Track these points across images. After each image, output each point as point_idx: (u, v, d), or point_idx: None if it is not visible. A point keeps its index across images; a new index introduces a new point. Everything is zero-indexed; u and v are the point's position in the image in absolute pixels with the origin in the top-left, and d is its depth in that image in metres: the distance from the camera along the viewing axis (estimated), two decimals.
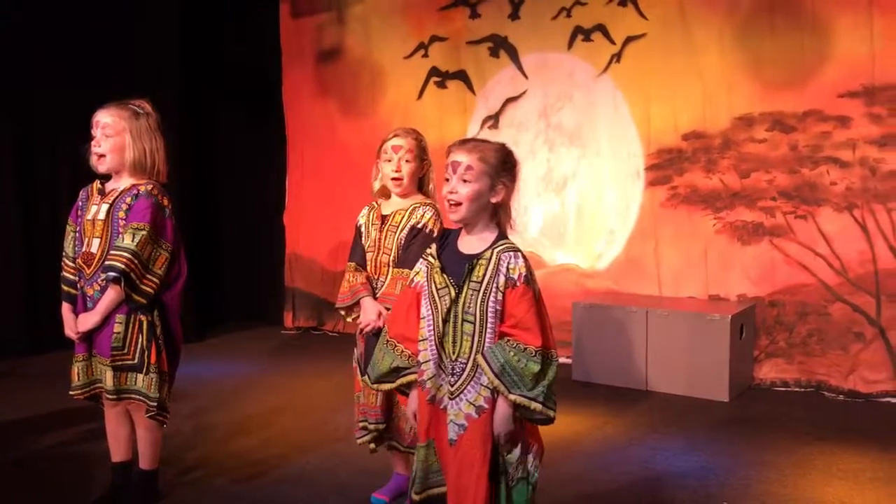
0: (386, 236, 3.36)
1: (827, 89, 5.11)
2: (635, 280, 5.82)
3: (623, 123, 5.82)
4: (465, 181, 2.49)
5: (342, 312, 3.50)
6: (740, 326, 5.15)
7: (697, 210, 5.57)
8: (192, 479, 3.87)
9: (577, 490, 3.74)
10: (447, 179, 2.52)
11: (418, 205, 3.38)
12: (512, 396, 2.43)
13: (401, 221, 3.36)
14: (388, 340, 2.64)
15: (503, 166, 2.52)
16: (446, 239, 2.62)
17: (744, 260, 5.44)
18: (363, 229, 3.48)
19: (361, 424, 3.42)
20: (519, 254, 2.50)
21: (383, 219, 3.41)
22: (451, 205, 2.52)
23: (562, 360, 5.91)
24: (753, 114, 5.36)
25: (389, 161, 3.39)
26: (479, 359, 2.45)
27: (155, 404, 3.30)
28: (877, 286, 5.05)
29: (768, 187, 5.34)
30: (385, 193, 3.49)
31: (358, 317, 3.40)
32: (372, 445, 3.45)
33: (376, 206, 3.49)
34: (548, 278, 6.09)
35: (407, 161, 3.37)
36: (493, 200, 2.52)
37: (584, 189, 6.01)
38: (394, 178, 3.39)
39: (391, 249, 3.34)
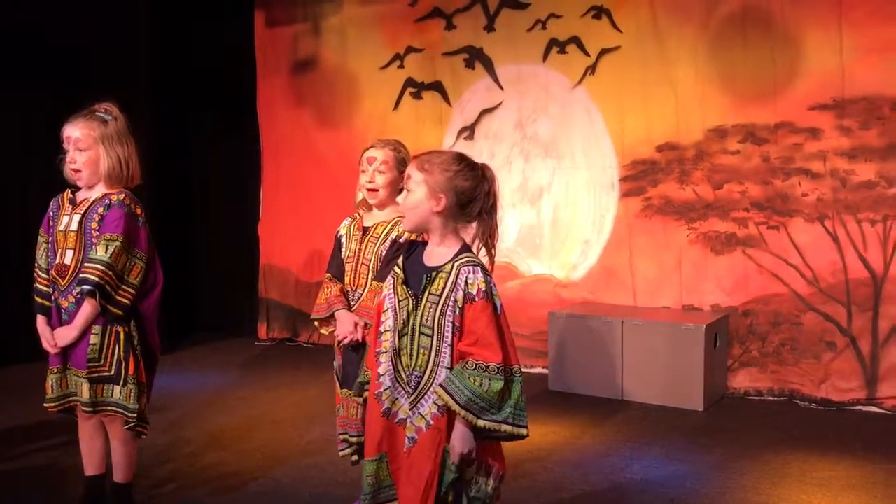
0: (366, 247, 3.35)
1: (798, 102, 5.19)
2: (610, 290, 5.85)
3: (598, 135, 5.87)
4: (407, 191, 2.52)
5: (316, 324, 3.48)
6: (714, 336, 5.19)
7: (671, 221, 5.62)
8: (166, 492, 3.82)
9: (554, 499, 3.74)
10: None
11: (400, 217, 3.36)
12: (481, 423, 2.37)
13: (381, 233, 3.34)
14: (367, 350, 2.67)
15: (443, 174, 2.48)
16: (413, 250, 2.61)
17: (717, 270, 5.49)
18: (343, 240, 3.46)
19: (342, 437, 3.40)
20: (478, 268, 2.44)
21: (364, 230, 3.39)
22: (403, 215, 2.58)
23: (538, 370, 5.98)
24: (726, 126, 5.42)
25: (364, 172, 3.39)
26: (440, 391, 2.39)
27: (134, 415, 3.25)
28: (847, 296, 5.12)
29: (741, 198, 5.40)
30: (367, 205, 3.48)
31: (334, 329, 3.38)
32: (354, 457, 3.41)
33: (358, 217, 3.48)
34: (523, 288, 6.12)
35: (381, 172, 3.36)
36: (435, 209, 2.48)
37: (560, 200, 6.04)
38: (369, 190, 3.38)
39: (370, 260, 3.32)
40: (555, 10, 5.92)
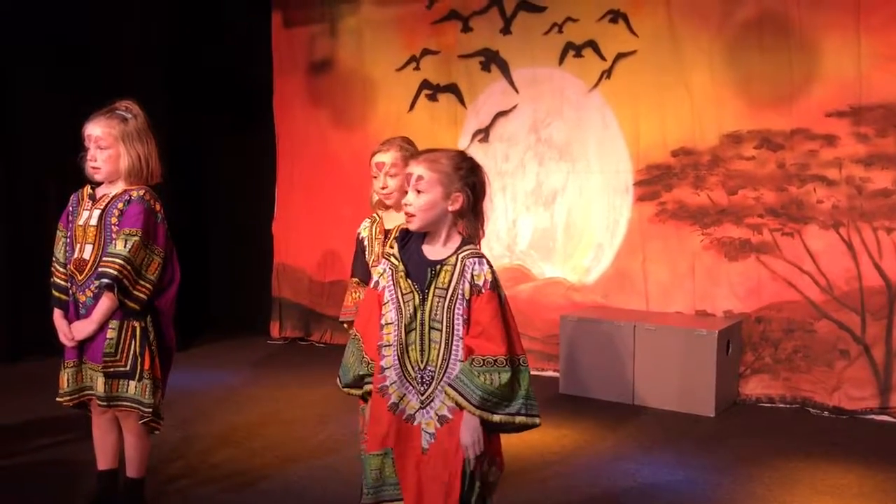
0: None
1: (814, 108, 5.16)
2: (623, 294, 5.84)
3: (612, 139, 5.86)
4: (418, 192, 2.49)
5: (346, 326, 3.49)
6: (727, 342, 5.17)
7: (685, 226, 5.60)
8: (177, 488, 3.85)
9: (564, 503, 3.73)
10: (407, 191, 2.53)
11: None
12: (497, 418, 2.40)
13: None
14: (355, 341, 2.60)
15: (457, 173, 2.49)
16: (408, 241, 2.58)
17: (730, 276, 5.47)
18: (366, 243, 3.44)
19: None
20: (483, 259, 2.48)
21: (386, 233, 3.39)
22: (407, 215, 2.53)
23: (549, 373, 5.98)
24: (742, 131, 5.40)
25: (376, 178, 3.39)
26: (451, 392, 2.40)
27: (149, 410, 3.28)
28: (862, 304, 5.09)
29: (755, 204, 5.38)
30: (384, 205, 3.47)
31: None
32: None
33: (378, 218, 3.46)
34: (536, 292, 6.12)
35: (392, 175, 3.34)
36: (451, 209, 2.49)
37: (573, 203, 6.03)
38: (384, 195, 3.39)
39: None
40: (571, 13, 5.91)
